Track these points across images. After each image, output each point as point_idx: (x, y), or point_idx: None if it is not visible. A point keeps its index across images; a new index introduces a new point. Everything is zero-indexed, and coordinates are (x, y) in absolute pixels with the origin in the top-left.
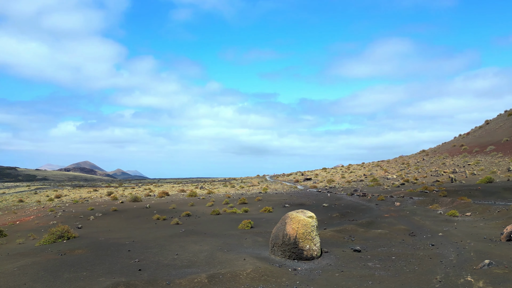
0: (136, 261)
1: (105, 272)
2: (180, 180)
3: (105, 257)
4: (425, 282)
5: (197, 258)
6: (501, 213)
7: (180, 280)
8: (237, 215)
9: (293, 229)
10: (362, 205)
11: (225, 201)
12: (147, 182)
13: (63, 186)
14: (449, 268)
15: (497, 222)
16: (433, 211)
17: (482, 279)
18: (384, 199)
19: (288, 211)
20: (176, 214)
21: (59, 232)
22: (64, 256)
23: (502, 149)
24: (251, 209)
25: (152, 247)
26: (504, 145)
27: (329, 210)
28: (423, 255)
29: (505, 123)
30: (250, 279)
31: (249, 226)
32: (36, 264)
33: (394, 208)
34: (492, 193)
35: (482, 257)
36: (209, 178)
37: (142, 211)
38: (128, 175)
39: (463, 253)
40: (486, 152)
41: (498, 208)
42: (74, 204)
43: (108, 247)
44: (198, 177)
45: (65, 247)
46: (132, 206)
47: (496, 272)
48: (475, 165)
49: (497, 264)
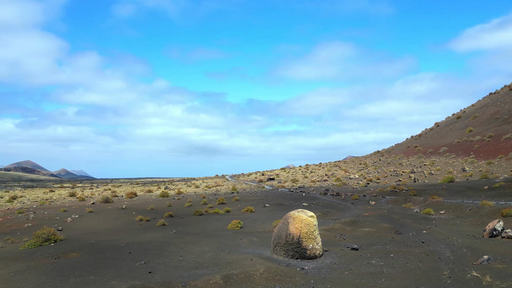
0: (142, 264)
1: (114, 275)
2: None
3: (107, 260)
4: (435, 278)
5: (202, 259)
6: (473, 211)
7: (196, 281)
8: (221, 216)
9: (296, 228)
10: (339, 204)
11: (203, 201)
12: (100, 183)
13: (11, 186)
14: (451, 264)
15: (471, 220)
16: (409, 209)
17: (488, 274)
18: (358, 198)
19: (269, 211)
20: (157, 215)
21: (45, 235)
22: (59, 260)
23: (454, 150)
24: (232, 209)
25: (151, 249)
26: (456, 146)
27: (310, 209)
28: (418, 252)
29: (454, 126)
30: (264, 279)
31: (239, 226)
32: (33, 269)
33: (371, 207)
34: (457, 192)
35: (475, 253)
36: (166, 178)
37: (120, 212)
38: (74, 175)
39: (456, 250)
40: (439, 153)
41: (469, 206)
42: (42, 206)
43: (105, 250)
44: (151, 177)
45: (56, 251)
46: (107, 207)
47: (497, 267)
48: (431, 166)
49: (495, 259)
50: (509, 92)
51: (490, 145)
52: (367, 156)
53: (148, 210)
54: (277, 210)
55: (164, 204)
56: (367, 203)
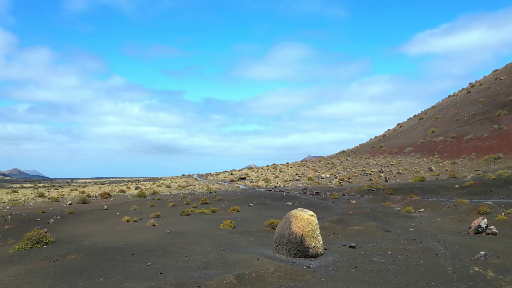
0: (149, 265)
1: (124, 277)
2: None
3: (111, 262)
4: (441, 274)
5: (208, 260)
6: (450, 209)
7: (209, 281)
8: (208, 215)
9: (299, 227)
10: (321, 203)
11: (185, 201)
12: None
13: None
14: (450, 260)
15: (451, 217)
16: (390, 208)
17: (489, 269)
18: (338, 197)
19: (255, 210)
20: (143, 215)
21: (36, 237)
22: (59, 262)
23: (419, 150)
24: (218, 209)
25: (153, 250)
26: (421, 146)
27: (294, 208)
28: (414, 249)
29: (417, 127)
30: (276, 278)
31: (231, 226)
32: (34, 272)
33: (353, 206)
34: (430, 191)
35: (468, 249)
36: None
37: (103, 213)
38: (27, 175)
39: (449, 247)
40: (405, 153)
41: (446, 205)
42: (15, 207)
43: (104, 252)
44: (111, 177)
45: (51, 253)
46: (87, 208)
47: (494, 262)
48: (398, 165)
49: (490, 255)
50: (467, 94)
51: (453, 145)
52: (333, 156)
53: (131, 210)
54: (263, 210)
55: (146, 204)
56: (348, 202)
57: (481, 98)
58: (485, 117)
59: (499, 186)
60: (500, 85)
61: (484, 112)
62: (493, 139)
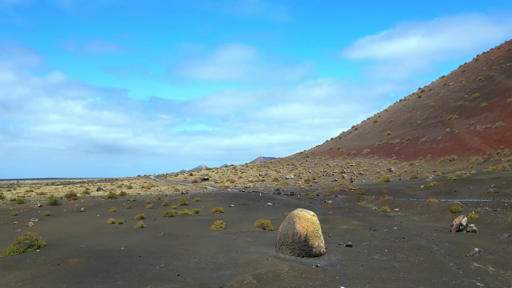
0: (162, 267)
1: (142, 279)
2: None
3: (121, 265)
4: (446, 270)
5: (219, 261)
6: (424, 208)
7: (230, 282)
8: (192, 217)
9: (303, 227)
10: (299, 203)
11: (164, 202)
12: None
13: None
14: (448, 257)
15: (427, 216)
16: (367, 207)
17: (488, 264)
18: (313, 198)
19: (237, 211)
20: (125, 217)
21: (28, 241)
22: (63, 266)
23: (376, 152)
24: (201, 210)
25: (158, 252)
26: (378, 148)
27: (277, 209)
28: (408, 247)
29: (372, 129)
30: (293, 277)
31: (223, 227)
32: (42, 277)
33: (331, 206)
34: (398, 191)
35: (459, 246)
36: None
37: (82, 215)
38: None
39: (440, 244)
40: (363, 154)
41: (419, 204)
42: None
43: (108, 254)
44: (54, 178)
45: (48, 257)
46: (62, 210)
47: (490, 258)
48: (358, 166)
49: (484, 252)
50: (418, 99)
51: (409, 147)
52: (292, 157)
53: (111, 212)
54: (245, 210)
55: (123, 206)
56: (324, 202)
57: (432, 102)
58: (437, 120)
59: (460, 186)
60: (448, 90)
61: (436, 116)
62: (446, 142)
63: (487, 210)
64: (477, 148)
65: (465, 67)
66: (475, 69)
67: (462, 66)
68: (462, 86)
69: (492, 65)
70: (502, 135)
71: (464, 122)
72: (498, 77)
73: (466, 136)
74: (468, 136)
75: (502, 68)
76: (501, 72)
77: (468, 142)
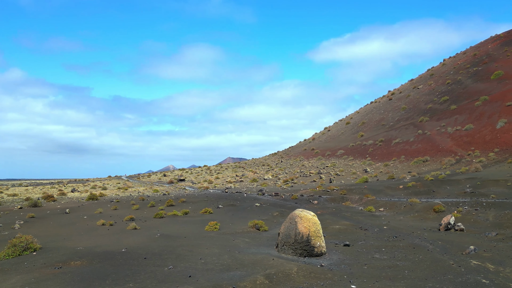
0: (171, 268)
1: (154, 281)
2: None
3: (128, 267)
4: (448, 267)
5: (225, 261)
6: (407, 208)
7: (243, 283)
8: (183, 218)
9: (305, 227)
10: (286, 204)
11: (150, 203)
12: None
13: None
14: (445, 255)
15: (412, 216)
16: (353, 208)
17: (486, 262)
18: (297, 198)
19: (226, 211)
20: (113, 218)
21: (23, 244)
22: (66, 269)
23: (351, 153)
24: (190, 211)
25: (161, 253)
26: (352, 149)
27: (265, 209)
28: (403, 245)
29: (345, 131)
30: (302, 277)
31: (217, 228)
32: (48, 281)
33: (317, 206)
34: (378, 191)
35: (452, 244)
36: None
37: (69, 217)
38: None
39: (433, 242)
40: (337, 155)
41: (403, 204)
42: None
43: (111, 257)
44: (16, 179)
45: (48, 260)
46: (46, 212)
47: (486, 256)
48: (334, 167)
49: (479, 249)
50: (389, 101)
51: (383, 148)
52: (266, 157)
53: (98, 214)
54: (234, 211)
55: (108, 207)
56: (309, 203)
57: (403, 105)
58: (409, 122)
59: (438, 187)
60: (418, 93)
61: (408, 118)
62: (419, 143)
63: (468, 209)
64: (448, 149)
65: (433, 71)
66: (442, 73)
67: (430, 70)
68: (431, 89)
69: (459, 69)
70: (472, 137)
71: (435, 124)
72: (466, 81)
73: (438, 137)
74: (440, 137)
75: (469, 73)
76: (468, 76)
77: (440, 143)
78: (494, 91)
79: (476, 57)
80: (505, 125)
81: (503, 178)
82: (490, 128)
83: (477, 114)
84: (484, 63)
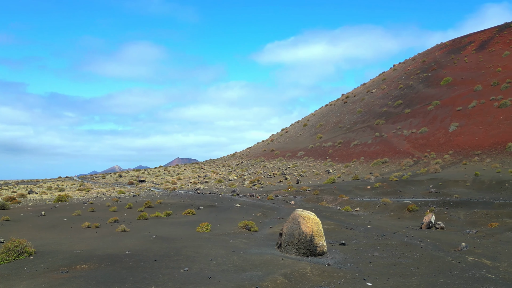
0: (187, 270)
1: (177, 284)
2: None
3: (142, 269)
4: (449, 264)
5: (236, 262)
6: (382, 207)
7: (264, 283)
8: (167, 219)
9: (309, 227)
10: (264, 204)
11: (128, 205)
12: None
13: None
14: (440, 252)
15: (389, 215)
16: (331, 208)
17: (481, 257)
18: (273, 198)
19: (208, 212)
20: (96, 220)
21: (18, 248)
22: (75, 274)
23: (311, 154)
24: (173, 213)
25: (169, 255)
26: (312, 151)
27: (247, 210)
28: (395, 244)
29: (304, 132)
30: (318, 276)
31: (209, 229)
32: (61, 286)
33: (295, 206)
34: (348, 191)
35: (442, 242)
36: None
37: (48, 220)
38: None
39: (422, 240)
40: (298, 156)
41: (377, 204)
42: None
43: (119, 260)
44: None
45: (50, 264)
46: (19, 215)
47: (478, 252)
48: (296, 168)
49: (470, 246)
50: (344, 104)
51: (342, 150)
52: (225, 158)
53: (76, 216)
54: (216, 212)
55: (84, 209)
56: (286, 203)
57: (358, 108)
58: (366, 125)
59: (403, 187)
60: (373, 97)
61: (364, 120)
62: (377, 145)
63: (439, 209)
64: (406, 151)
65: (385, 76)
66: (394, 77)
67: (382, 75)
68: (385, 93)
69: (410, 74)
70: (427, 139)
71: (391, 127)
72: (417, 86)
73: (395, 140)
74: (396, 140)
75: (419, 78)
76: (419, 82)
77: (397, 145)
78: (444, 96)
79: (425, 64)
80: (457, 128)
81: (461, 178)
82: (444, 131)
83: (430, 118)
84: (433, 69)
